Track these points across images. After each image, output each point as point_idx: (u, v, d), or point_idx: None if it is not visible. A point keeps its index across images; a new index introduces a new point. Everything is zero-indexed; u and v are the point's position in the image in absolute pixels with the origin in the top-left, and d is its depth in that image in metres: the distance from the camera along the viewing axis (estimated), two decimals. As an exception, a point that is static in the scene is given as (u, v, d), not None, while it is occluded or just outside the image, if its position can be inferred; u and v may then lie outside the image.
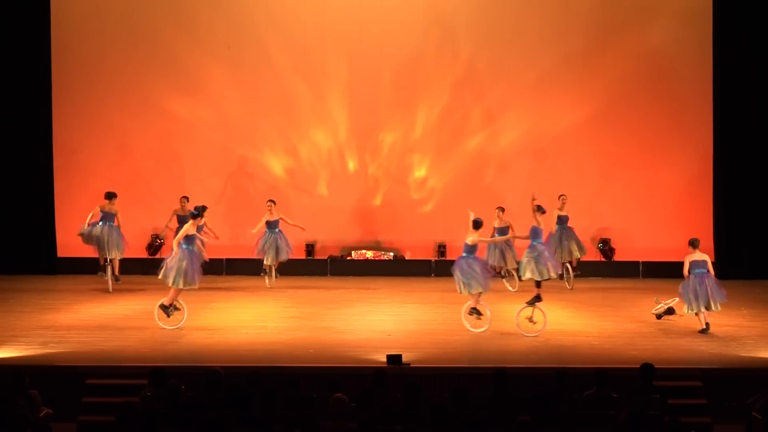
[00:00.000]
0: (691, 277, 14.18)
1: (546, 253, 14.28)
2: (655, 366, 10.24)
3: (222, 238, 17.67)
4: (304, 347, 12.91)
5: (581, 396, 9.91)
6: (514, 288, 17.29)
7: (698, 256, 14.31)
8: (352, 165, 20.05)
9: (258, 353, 12.51)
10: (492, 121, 19.85)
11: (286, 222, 17.64)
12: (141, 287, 17.21)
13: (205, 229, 16.66)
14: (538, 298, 13.98)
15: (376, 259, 19.87)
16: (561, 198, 17.86)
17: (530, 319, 13.97)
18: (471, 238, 13.99)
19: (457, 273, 13.96)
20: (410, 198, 20.06)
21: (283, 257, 17.54)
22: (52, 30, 19.46)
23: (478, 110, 19.83)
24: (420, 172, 20.00)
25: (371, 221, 19.59)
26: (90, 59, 19.64)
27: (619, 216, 18.97)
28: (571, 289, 17.56)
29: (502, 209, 17.69)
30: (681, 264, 19.47)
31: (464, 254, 14.06)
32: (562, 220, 17.75)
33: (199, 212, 14.55)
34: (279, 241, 17.46)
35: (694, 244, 14.40)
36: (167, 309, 14.08)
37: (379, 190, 20.05)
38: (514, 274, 16.97)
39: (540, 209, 14.56)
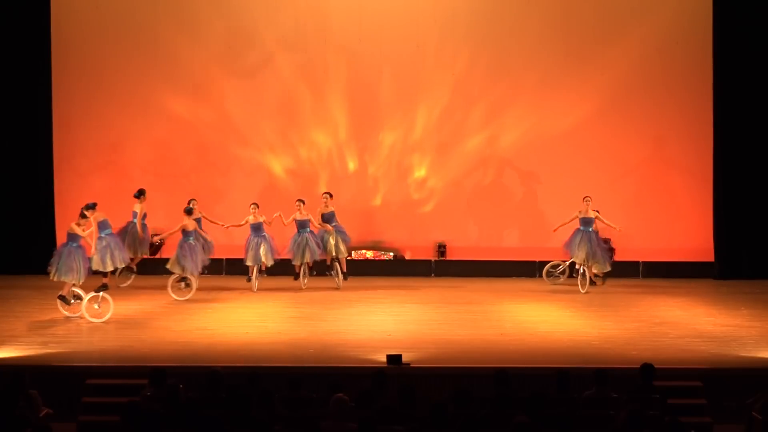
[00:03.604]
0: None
1: (113, 244, 14.98)
2: (655, 366, 10.24)
3: (222, 239, 17.74)
4: (304, 347, 12.91)
5: (581, 396, 9.91)
6: (583, 289, 17.31)
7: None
8: (352, 165, 20.06)
9: (258, 353, 12.50)
10: (492, 121, 19.84)
11: (312, 224, 17.53)
12: (141, 287, 17.22)
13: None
14: (105, 287, 14.65)
15: (376, 259, 19.87)
16: (585, 200, 17.48)
17: (97, 305, 14.46)
18: (73, 226, 14.67)
19: (55, 258, 14.61)
20: (410, 198, 20.06)
21: (315, 257, 17.37)
22: (53, 30, 19.48)
23: (478, 110, 19.83)
24: (420, 172, 20.00)
25: (371, 221, 19.58)
26: (90, 59, 19.64)
27: (619, 216, 18.91)
28: (585, 293, 17.23)
29: (590, 198, 17.47)
30: (681, 263, 19.68)
31: (68, 242, 14.65)
32: (585, 222, 17.46)
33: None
34: (310, 241, 17.31)
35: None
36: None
37: (379, 190, 20.05)
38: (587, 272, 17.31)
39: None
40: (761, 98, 19.20)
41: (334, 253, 17.42)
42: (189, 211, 16.70)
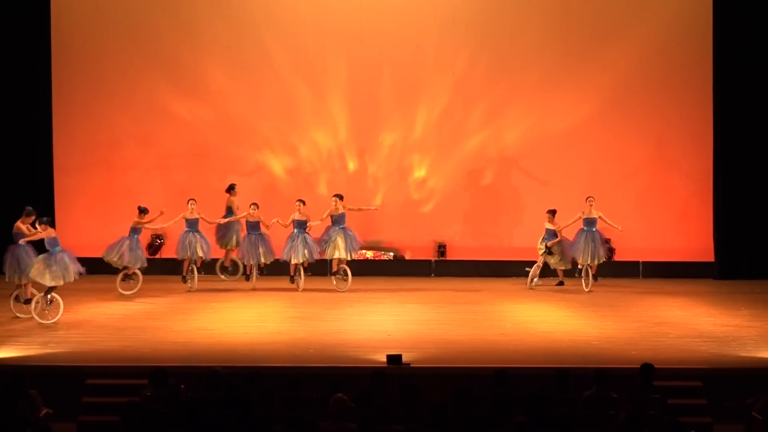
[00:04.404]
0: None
1: (67, 259, 14.68)
2: (655, 366, 10.24)
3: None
4: (304, 347, 12.90)
5: (581, 396, 9.91)
6: (587, 287, 17.46)
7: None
8: (352, 165, 20.06)
9: (258, 353, 12.50)
10: (492, 121, 19.85)
11: (309, 224, 17.52)
12: (140, 287, 17.21)
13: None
14: (53, 287, 14.60)
15: (376, 259, 19.87)
16: (588, 200, 17.56)
17: (47, 304, 14.48)
18: (19, 224, 14.96)
19: (12, 261, 14.74)
20: (410, 198, 20.06)
21: (314, 256, 17.34)
22: (53, 30, 19.51)
23: (478, 110, 19.83)
24: (420, 172, 20.00)
25: (371, 221, 19.58)
26: (90, 59, 19.66)
27: (619, 216, 18.91)
28: (589, 291, 17.37)
29: (592, 199, 17.71)
30: (681, 263, 19.63)
31: (18, 243, 14.85)
32: (588, 222, 17.48)
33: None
34: (307, 240, 17.30)
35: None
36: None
37: (379, 190, 20.05)
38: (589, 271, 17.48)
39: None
40: (761, 99, 19.20)
41: (338, 255, 17.30)
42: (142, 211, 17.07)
